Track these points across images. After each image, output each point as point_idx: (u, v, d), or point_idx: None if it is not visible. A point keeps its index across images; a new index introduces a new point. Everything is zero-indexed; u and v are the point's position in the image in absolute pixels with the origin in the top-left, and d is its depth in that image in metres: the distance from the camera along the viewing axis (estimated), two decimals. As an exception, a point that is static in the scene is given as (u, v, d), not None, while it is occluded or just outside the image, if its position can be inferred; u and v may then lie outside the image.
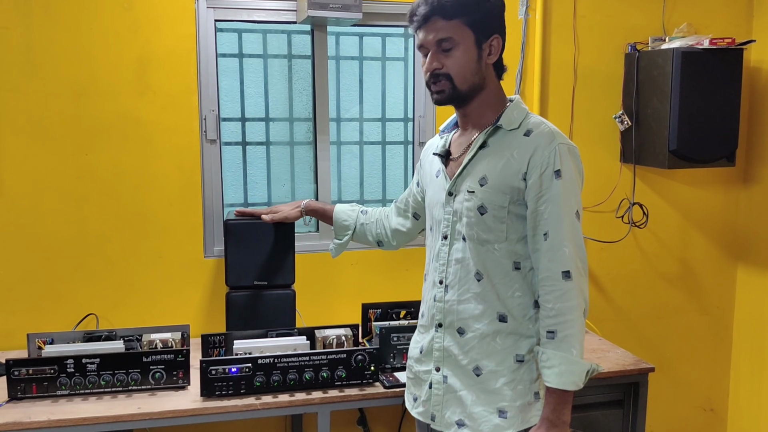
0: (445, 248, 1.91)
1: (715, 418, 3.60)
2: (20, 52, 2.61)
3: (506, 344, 1.85)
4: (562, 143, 1.79)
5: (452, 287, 1.89)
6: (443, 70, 1.82)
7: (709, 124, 2.99)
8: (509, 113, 1.86)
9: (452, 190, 1.90)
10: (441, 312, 1.92)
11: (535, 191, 1.77)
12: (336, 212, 2.43)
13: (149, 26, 2.71)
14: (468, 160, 1.87)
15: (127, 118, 2.73)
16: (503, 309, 1.84)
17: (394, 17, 3.02)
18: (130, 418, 2.14)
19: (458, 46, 1.81)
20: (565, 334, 1.75)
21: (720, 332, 3.55)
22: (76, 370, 2.21)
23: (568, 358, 1.75)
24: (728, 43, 2.94)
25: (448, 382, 1.91)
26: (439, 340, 1.93)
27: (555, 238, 1.76)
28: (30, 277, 2.70)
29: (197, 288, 2.87)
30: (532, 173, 1.77)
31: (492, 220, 1.81)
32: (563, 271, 1.75)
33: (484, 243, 1.83)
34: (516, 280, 1.84)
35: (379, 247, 2.41)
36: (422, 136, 3.11)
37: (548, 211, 1.76)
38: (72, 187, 2.71)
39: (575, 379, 1.75)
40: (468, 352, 1.87)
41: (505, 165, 1.81)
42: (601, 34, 3.18)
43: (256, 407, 2.22)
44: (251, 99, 3.01)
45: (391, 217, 2.36)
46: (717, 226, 3.45)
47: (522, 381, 1.85)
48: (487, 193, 1.81)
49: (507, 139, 1.83)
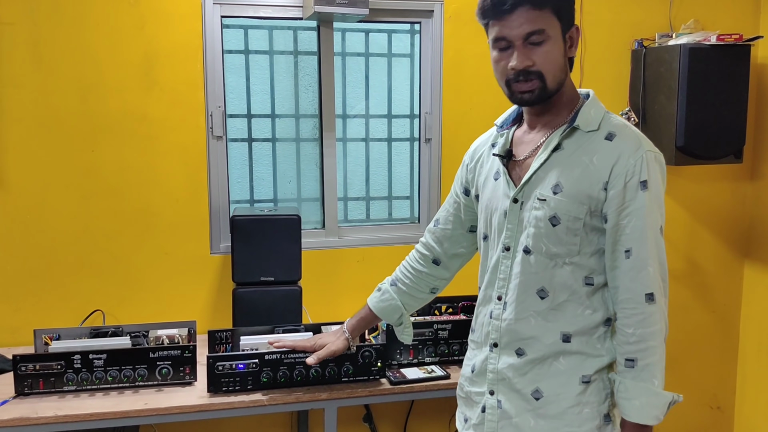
0: (506, 261, 1.70)
1: (721, 416, 3.59)
2: (26, 48, 2.61)
3: (570, 365, 1.66)
4: (649, 150, 1.60)
5: (511, 304, 1.69)
6: (534, 68, 1.59)
7: (716, 121, 2.98)
8: (586, 112, 1.65)
9: (518, 197, 1.68)
10: (497, 331, 1.72)
11: (617, 203, 1.58)
12: (372, 306, 2.10)
13: (155, 22, 2.71)
14: (540, 164, 1.65)
15: (133, 114, 2.73)
16: (568, 328, 1.65)
17: (401, 13, 3.01)
18: (137, 413, 2.14)
19: (549, 40, 1.58)
20: (647, 362, 1.58)
21: (727, 330, 3.53)
22: (82, 365, 2.21)
23: (650, 389, 1.59)
24: (735, 39, 2.93)
25: (503, 407, 1.71)
26: (493, 361, 1.73)
27: (638, 256, 1.58)
28: (36, 273, 2.71)
29: (203, 284, 2.87)
30: (615, 183, 1.58)
31: (565, 232, 1.62)
32: (647, 294, 1.58)
33: (553, 257, 1.64)
34: (586, 297, 1.65)
35: (435, 293, 2.09)
36: (428, 132, 3.10)
37: (631, 225, 1.58)
38: (78, 183, 2.71)
39: (657, 413, 1.60)
40: (526, 374, 1.68)
41: (583, 172, 1.61)
42: (607, 31, 3.17)
43: (263, 403, 2.22)
44: (257, 95, 3.01)
45: (433, 249, 2.02)
46: (724, 223, 3.43)
47: (589, 404, 1.66)
48: (562, 202, 1.61)
49: (585, 142, 1.63)
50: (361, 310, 2.15)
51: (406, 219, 3.24)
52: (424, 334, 2.48)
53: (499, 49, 1.63)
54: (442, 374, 2.41)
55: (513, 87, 1.63)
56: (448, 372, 2.42)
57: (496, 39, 1.62)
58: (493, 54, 1.65)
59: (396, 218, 3.24)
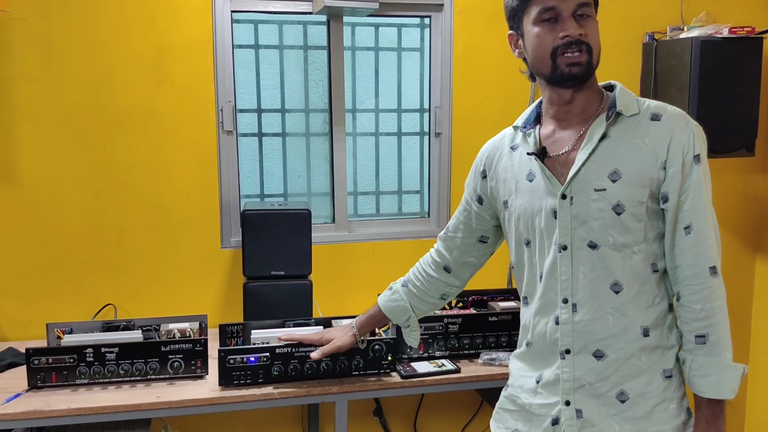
0: (566, 261, 1.62)
1: (733, 412, 3.57)
2: (38, 43, 2.62)
3: (652, 360, 1.61)
4: (695, 125, 1.60)
5: (583, 305, 1.61)
6: (586, 39, 1.57)
7: (728, 114, 2.96)
8: (621, 98, 1.62)
9: (567, 193, 1.61)
10: (569, 336, 1.63)
11: (677, 181, 1.56)
12: (382, 305, 2.07)
13: (166, 17, 2.71)
14: (588, 155, 1.60)
15: (144, 109, 2.73)
16: (646, 321, 1.60)
17: (411, 7, 3.01)
18: (149, 406, 2.15)
19: (593, 17, 1.60)
20: (717, 336, 1.55)
21: (738, 325, 3.50)
22: (95, 359, 2.22)
23: (724, 363, 1.55)
24: (748, 32, 2.91)
25: (584, 416, 1.62)
26: (567, 369, 1.63)
27: (700, 231, 1.57)
28: (48, 267, 2.72)
29: (214, 279, 2.88)
30: (674, 161, 1.56)
31: (630, 219, 1.57)
32: (710, 267, 1.57)
33: (621, 248, 1.58)
34: (655, 285, 1.62)
35: (446, 300, 2.05)
36: (438, 126, 3.10)
37: (690, 200, 1.57)
38: (89, 178, 2.72)
39: (733, 386, 1.56)
40: (609, 377, 1.61)
41: (638, 155, 1.58)
42: (618, 24, 3.15)
43: (274, 396, 2.23)
44: (267, 90, 3.01)
45: (444, 257, 1.97)
46: (736, 217, 3.42)
47: (673, 399, 1.62)
48: (623, 189, 1.57)
49: (630, 127, 1.60)
50: (371, 308, 2.13)
51: (416, 213, 3.24)
52: (435, 329, 2.48)
53: (544, 21, 1.58)
54: (453, 368, 2.41)
55: (562, 58, 1.58)
56: (458, 366, 2.42)
57: (544, 9, 1.58)
58: (536, 30, 1.60)
59: (406, 213, 3.24)
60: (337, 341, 2.17)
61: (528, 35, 1.63)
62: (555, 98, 1.66)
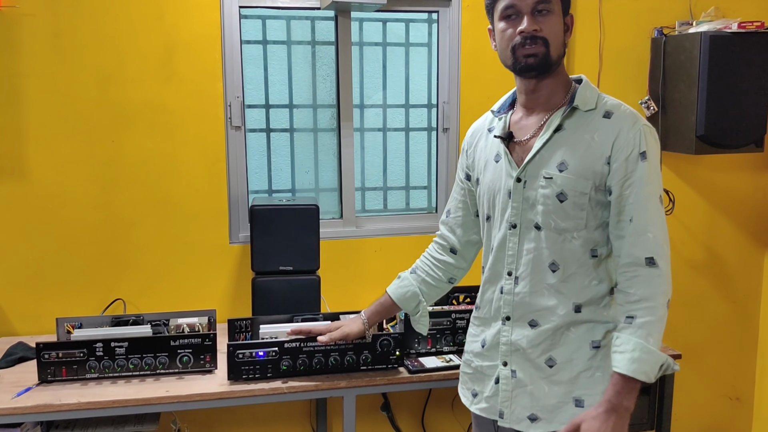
0: (514, 238, 1.78)
1: (740, 407, 3.57)
2: (47, 39, 2.63)
3: (581, 333, 1.76)
4: (645, 124, 1.71)
5: (523, 279, 1.78)
6: (541, 34, 1.70)
7: (737, 109, 2.95)
8: (582, 93, 1.75)
9: (521, 176, 1.76)
10: (509, 305, 1.80)
11: (620, 175, 1.68)
12: (391, 292, 2.13)
13: (174, 13, 2.72)
14: (542, 144, 1.74)
15: (153, 104, 2.74)
16: (579, 299, 1.75)
17: (418, 2, 3.01)
18: (159, 401, 2.16)
19: (553, 12, 1.71)
20: (645, 320, 1.64)
21: (746, 320, 3.51)
22: (104, 353, 2.23)
23: (643, 345, 1.62)
24: (757, 27, 2.89)
25: (518, 376, 1.80)
26: (506, 333, 1.82)
27: (639, 223, 1.66)
28: (58, 262, 2.74)
29: (223, 274, 2.89)
30: (617, 157, 1.68)
31: (572, 207, 1.71)
32: (647, 257, 1.66)
33: (561, 232, 1.73)
34: (593, 268, 1.75)
35: (453, 283, 2.14)
36: (446, 122, 3.10)
37: (633, 194, 1.67)
38: (98, 173, 2.73)
39: (647, 369, 1.62)
40: (540, 344, 1.77)
41: (586, 149, 1.71)
42: (627, 18, 3.14)
43: (283, 391, 2.24)
44: (275, 86, 3.02)
45: (448, 238, 2.08)
46: (744, 213, 3.40)
47: (600, 368, 1.74)
48: (568, 179, 1.71)
49: (584, 122, 1.73)
50: (380, 298, 2.18)
51: (423, 209, 3.24)
52: (442, 324, 2.48)
53: (506, 18, 1.73)
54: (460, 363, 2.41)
55: (519, 51, 1.72)
56: (466, 361, 2.43)
57: (505, 8, 1.72)
58: (500, 25, 1.75)
59: (413, 208, 3.24)
60: (345, 328, 2.22)
61: (496, 30, 1.78)
62: (522, 87, 1.81)
